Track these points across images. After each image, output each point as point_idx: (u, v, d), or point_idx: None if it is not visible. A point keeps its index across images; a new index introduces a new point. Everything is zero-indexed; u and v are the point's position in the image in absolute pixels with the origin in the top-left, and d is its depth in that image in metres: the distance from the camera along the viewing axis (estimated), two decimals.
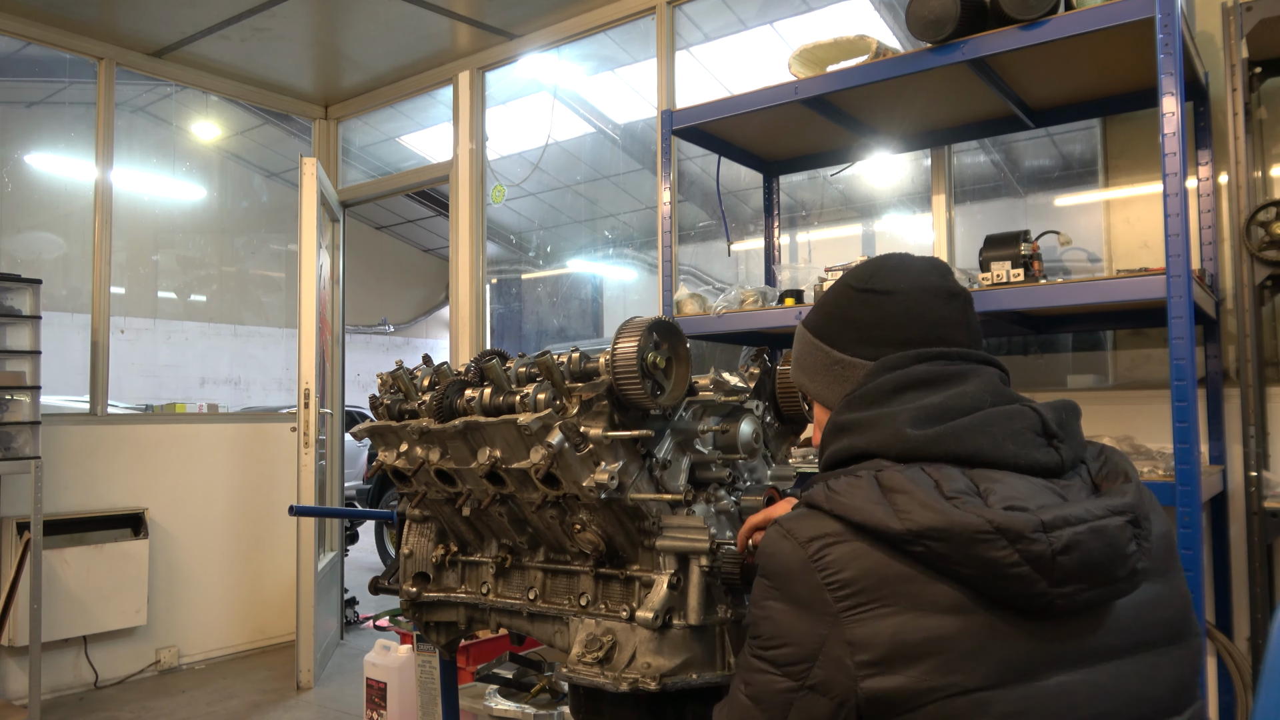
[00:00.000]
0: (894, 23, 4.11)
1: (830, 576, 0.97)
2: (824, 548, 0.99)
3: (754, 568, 1.12)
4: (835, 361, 1.19)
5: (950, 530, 0.93)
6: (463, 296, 5.04)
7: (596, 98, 5.86)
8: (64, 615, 4.29)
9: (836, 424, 1.13)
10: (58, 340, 4.85)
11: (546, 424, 1.43)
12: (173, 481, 4.89)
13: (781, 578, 1.01)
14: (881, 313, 1.16)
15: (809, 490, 1.06)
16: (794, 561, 1.00)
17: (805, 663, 0.98)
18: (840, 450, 1.11)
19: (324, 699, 4.38)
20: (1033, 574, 0.92)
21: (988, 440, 1.03)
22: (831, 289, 1.24)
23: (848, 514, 0.99)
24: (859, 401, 1.11)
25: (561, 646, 1.62)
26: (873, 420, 1.08)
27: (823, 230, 4.14)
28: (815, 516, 1.02)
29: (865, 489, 1.00)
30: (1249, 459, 2.60)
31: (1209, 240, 2.79)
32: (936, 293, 1.17)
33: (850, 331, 1.18)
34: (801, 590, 0.99)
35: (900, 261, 1.20)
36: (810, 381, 1.24)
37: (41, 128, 5.88)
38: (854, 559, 0.97)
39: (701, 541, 1.43)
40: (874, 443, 1.06)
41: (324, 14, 4.60)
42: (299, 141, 6.46)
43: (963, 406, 1.06)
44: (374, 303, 13.95)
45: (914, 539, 0.94)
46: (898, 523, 0.95)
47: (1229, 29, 2.62)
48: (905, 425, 1.05)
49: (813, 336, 1.23)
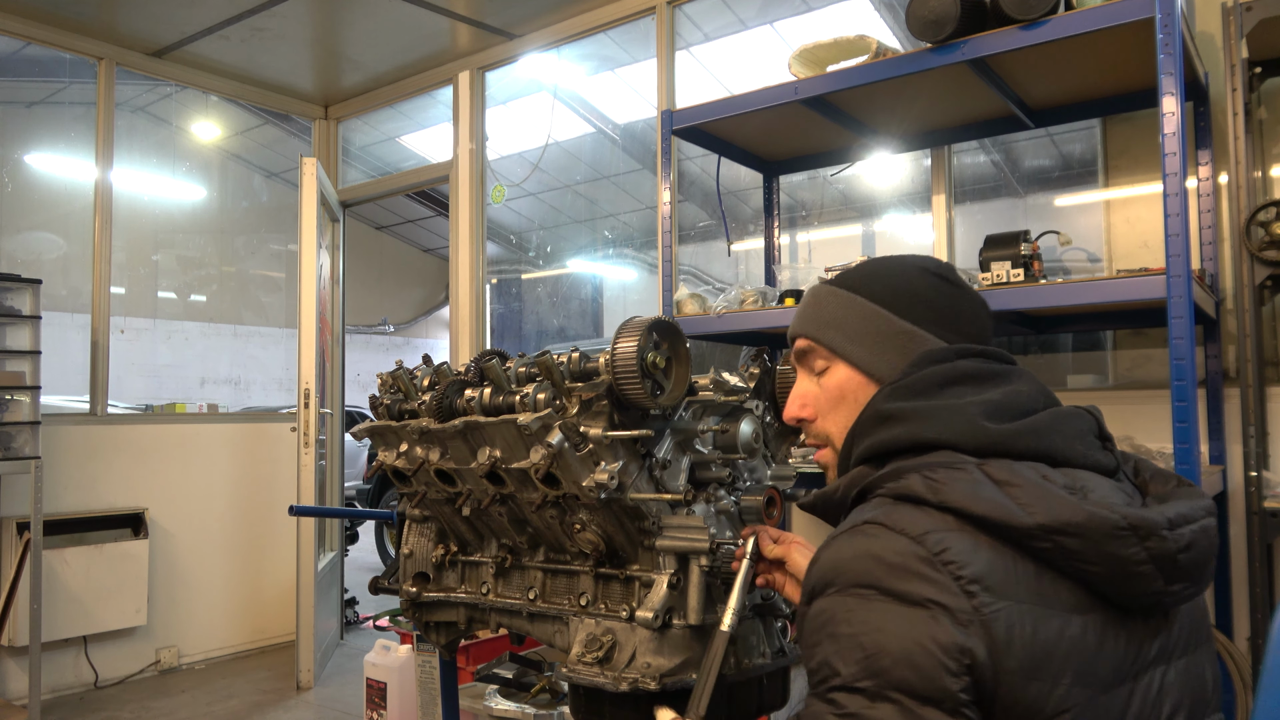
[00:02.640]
0: (894, 23, 4.11)
1: (960, 570, 0.86)
2: (942, 539, 0.88)
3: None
4: (900, 331, 1.12)
5: (1086, 526, 0.88)
6: (463, 296, 5.04)
7: (596, 98, 5.86)
8: (64, 615, 4.29)
9: (882, 412, 1.05)
10: (58, 340, 4.84)
11: (546, 424, 1.43)
12: (173, 481, 4.88)
13: (893, 580, 0.87)
14: (954, 301, 1.14)
15: (888, 484, 0.97)
16: (910, 557, 0.88)
17: (948, 675, 0.83)
18: (893, 439, 1.02)
19: (324, 699, 4.38)
20: (1154, 572, 0.89)
21: (1060, 439, 1.00)
22: (891, 267, 1.18)
23: (964, 506, 0.90)
24: (905, 392, 1.05)
25: (561, 646, 1.62)
26: (935, 410, 1.01)
27: (823, 230, 4.14)
28: (915, 510, 0.93)
29: (974, 481, 0.92)
30: (1249, 459, 2.60)
31: (1209, 240, 2.79)
32: (985, 302, 1.19)
33: (922, 308, 1.13)
34: (926, 589, 0.86)
35: (958, 269, 1.21)
36: (851, 345, 1.15)
37: (41, 128, 5.87)
38: (976, 552, 0.88)
39: (701, 541, 1.43)
40: (945, 434, 0.99)
41: (324, 14, 4.60)
42: (299, 141, 6.46)
43: (1025, 406, 1.03)
44: (374, 303, 13.95)
45: (1044, 534, 0.88)
46: (1026, 517, 0.89)
47: (1229, 29, 2.62)
48: (980, 418, 0.99)
49: (871, 302, 1.15)
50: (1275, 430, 2.73)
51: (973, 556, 0.87)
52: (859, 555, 0.91)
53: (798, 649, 1.63)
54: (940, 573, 0.86)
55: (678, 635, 1.43)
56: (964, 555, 0.87)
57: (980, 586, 0.85)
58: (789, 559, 1.42)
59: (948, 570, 0.86)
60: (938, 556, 0.87)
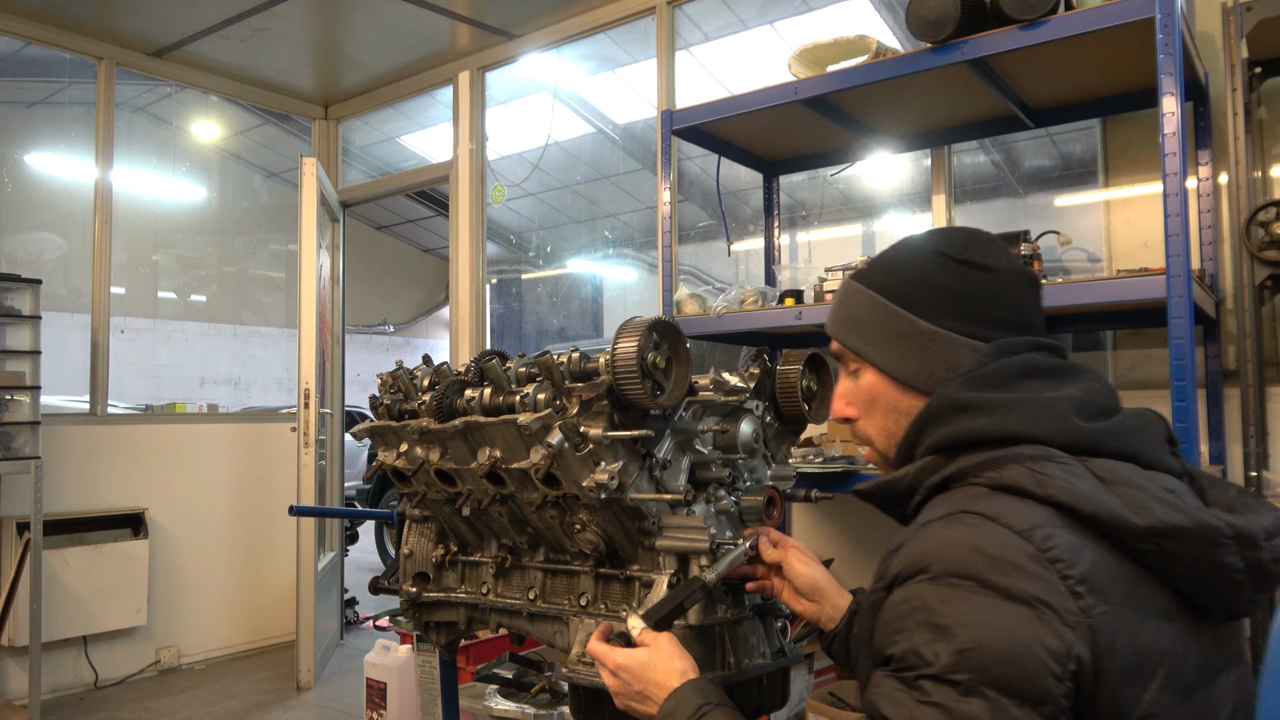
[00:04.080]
0: (894, 23, 4.11)
1: (1067, 569, 0.83)
2: (1049, 537, 0.85)
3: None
4: (919, 332, 1.07)
5: (1193, 531, 0.86)
6: (463, 296, 5.04)
7: (596, 98, 5.86)
8: (64, 615, 4.29)
9: (960, 402, 1.00)
10: (58, 340, 4.84)
11: (546, 424, 1.43)
12: (173, 481, 4.88)
13: (997, 574, 0.84)
14: (980, 289, 1.06)
15: (986, 473, 0.94)
16: (1017, 552, 0.84)
17: (1052, 679, 0.80)
18: (975, 430, 0.97)
19: (324, 699, 4.38)
20: (1247, 581, 0.89)
21: (1143, 442, 0.97)
22: (913, 253, 1.12)
23: (1074, 503, 0.87)
24: (983, 382, 1.00)
25: (561, 646, 1.62)
26: (1023, 403, 0.97)
27: (823, 230, 4.14)
28: (1018, 502, 0.89)
29: (1080, 476, 0.89)
30: (1249, 459, 2.60)
31: (1209, 240, 2.79)
32: (1028, 277, 1.11)
33: (943, 302, 1.07)
34: (1033, 586, 0.82)
35: (989, 238, 1.11)
36: (874, 348, 1.11)
37: (41, 128, 5.88)
38: (1083, 549, 0.85)
39: (701, 542, 1.43)
40: (1035, 428, 0.95)
41: (324, 14, 4.60)
42: (299, 141, 6.46)
43: (1105, 405, 1.00)
44: (374, 303, 13.95)
45: (1151, 537, 0.86)
46: (1135, 519, 0.86)
47: (1229, 29, 2.62)
48: (1071, 414, 0.95)
49: (889, 302, 1.10)
50: (1275, 430, 2.73)
51: (1079, 555, 0.85)
52: (958, 544, 0.87)
53: (798, 649, 1.63)
54: (1048, 570, 0.83)
55: (678, 635, 1.43)
56: (1071, 554, 0.84)
57: (1086, 587, 0.83)
58: (786, 564, 1.42)
59: (1055, 569, 0.83)
60: (1045, 553, 0.84)
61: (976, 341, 1.05)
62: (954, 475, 0.97)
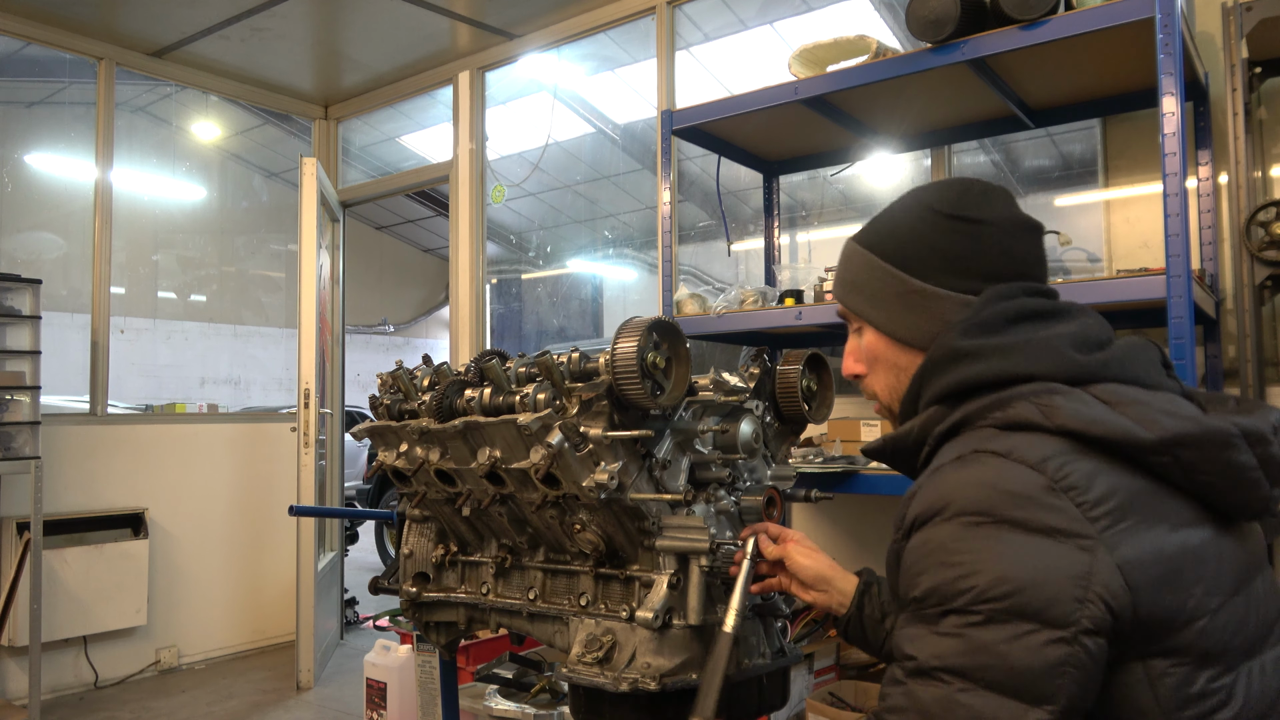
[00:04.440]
0: (894, 23, 4.11)
1: (1080, 496, 0.86)
2: (1062, 466, 0.88)
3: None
4: (913, 290, 1.09)
5: (1203, 436, 0.89)
6: (463, 296, 5.04)
7: (596, 98, 5.86)
8: (64, 615, 4.29)
9: (959, 350, 1.02)
10: (58, 340, 4.85)
11: (546, 424, 1.43)
12: (173, 481, 4.88)
13: (1014, 508, 0.86)
14: (974, 243, 1.08)
15: (994, 413, 0.96)
16: (1033, 486, 0.87)
17: (1073, 602, 0.83)
18: (975, 375, 1.00)
19: (324, 699, 4.38)
20: (1263, 478, 0.91)
21: (1141, 368, 1.01)
22: (901, 212, 1.14)
23: (1083, 428, 0.90)
24: (979, 329, 1.02)
25: (561, 646, 1.62)
26: (1019, 345, 0.99)
27: (823, 230, 4.14)
28: (1029, 436, 0.92)
29: (1087, 403, 0.92)
30: None
31: (1209, 240, 2.79)
32: (1024, 225, 1.10)
33: (935, 259, 1.09)
34: (1050, 517, 0.85)
35: (984, 188, 1.12)
36: (872, 308, 1.14)
37: (41, 128, 5.87)
38: (1097, 474, 0.88)
39: (701, 541, 1.43)
40: (1035, 366, 0.97)
41: (324, 14, 4.60)
42: (299, 141, 6.46)
43: (1100, 338, 1.03)
44: (374, 303, 13.95)
45: (1164, 448, 0.89)
46: (1145, 433, 0.89)
47: (1229, 29, 2.62)
48: (1069, 349, 0.98)
49: (884, 262, 1.12)
50: None
51: (1094, 480, 0.88)
52: (971, 483, 0.90)
53: (798, 649, 1.63)
54: (1062, 499, 0.86)
55: (678, 635, 1.43)
56: (1085, 479, 0.87)
57: (1103, 509, 0.86)
58: (788, 559, 1.42)
59: (1069, 496, 0.86)
60: (1059, 483, 0.87)
61: (973, 297, 1.07)
62: (961, 421, 1.00)
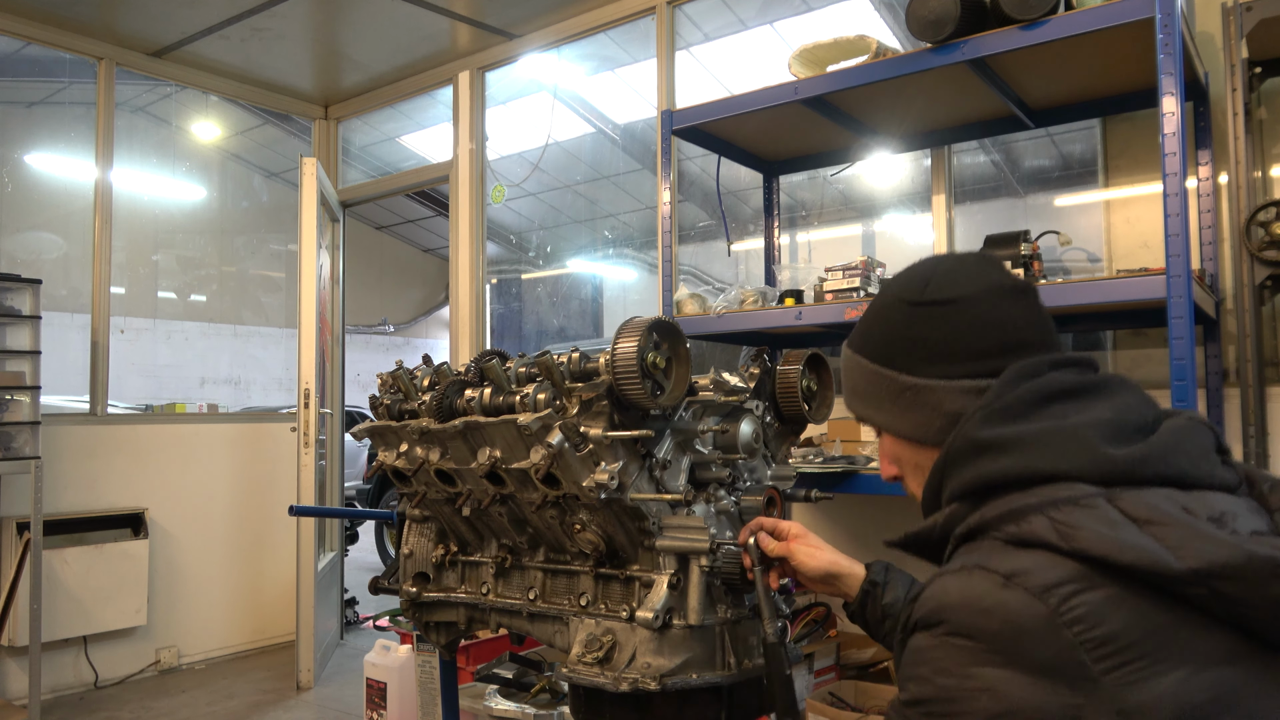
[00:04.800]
0: (894, 23, 4.11)
1: (1086, 633, 0.79)
2: (1070, 597, 0.80)
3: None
4: (905, 388, 1.05)
5: (1246, 568, 0.79)
6: (463, 296, 5.04)
7: (596, 98, 5.86)
8: (64, 615, 4.29)
9: (979, 442, 0.94)
10: (58, 340, 4.84)
11: (546, 424, 1.43)
12: (173, 481, 4.88)
13: (1006, 640, 0.81)
14: (949, 326, 1.02)
15: (1007, 527, 0.88)
16: (1029, 618, 0.81)
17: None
18: (998, 473, 0.92)
19: (324, 699, 4.38)
20: None
21: (1187, 460, 0.90)
22: (879, 307, 1.10)
23: (1106, 553, 0.81)
24: (1002, 416, 0.94)
25: (561, 646, 1.62)
26: (1046, 436, 0.91)
27: (823, 230, 4.14)
28: (1040, 557, 0.84)
29: (1111, 522, 0.83)
30: (1249, 459, 2.60)
31: (1209, 240, 2.79)
32: (1003, 291, 1.03)
33: (917, 351, 1.04)
34: (1044, 653, 0.80)
35: (953, 264, 1.06)
36: (876, 412, 1.10)
37: (41, 128, 5.88)
38: (1112, 608, 0.80)
39: (701, 541, 1.43)
40: (1062, 464, 0.89)
41: (324, 14, 4.60)
42: (299, 141, 6.46)
43: (1139, 422, 0.93)
44: (374, 303, 13.95)
45: (1198, 580, 0.79)
46: (1177, 562, 0.79)
47: (1229, 29, 2.62)
48: (1100, 442, 0.89)
49: (871, 363, 1.09)
50: (1275, 430, 2.73)
51: (1106, 614, 0.80)
52: (969, 604, 0.85)
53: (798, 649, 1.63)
54: (1063, 635, 0.80)
55: (678, 635, 1.43)
56: (1096, 612, 0.80)
57: (1112, 648, 0.79)
58: (793, 558, 1.42)
59: (1072, 631, 0.80)
60: (1062, 616, 0.80)
61: (967, 381, 1.01)
62: (978, 527, 0.92)
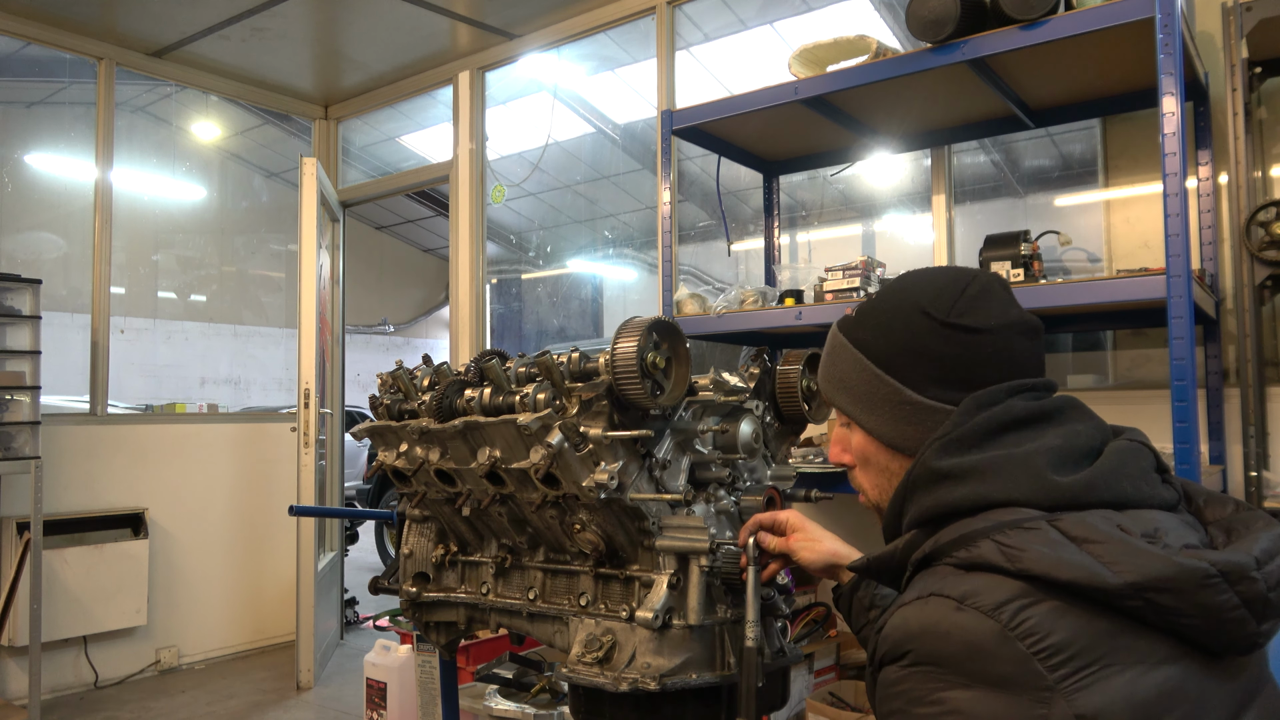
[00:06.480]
0: (894, 23, 4.11)
1: (1038, 643, 0.84)
2: (1019, 612, 0.86)
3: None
4: (907, 402, 1.06)
5: (1177, 579, 0.84)
6: (463, 296, 5.04)
7: (596, 98, 5.86)
8: (64, 615, 4.29)
9: (938, 471, 0.99)
10: (58, 340, 4.84)
11: (546, 424, 1.43)
12: (173, 481, 4.89)
13: (966, 660, 0.86)
14: (971, 354, 1.04)
15: (957, 552, 0.93)
16: (984, 635, 0.86)
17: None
18: (955, 502, 0.97)
19: (324, 699, 4.38)
20: (1247, 616, 0.86)
21: (1129, 483, 0.96)
22: (900, 311, 1.09)
23: (1047, 571, 0.86)
24: (959, 445, 0.99)
25: (561, 646, 1.63)
26: (997, 465, 0.96)
27: (823, 230, 4.14)
28: (989, 579, 0.89)
29: (1053, 542, 0.88)
30: (1249, 459, 2.60)
31: (1209, 240, 2.79)
32: (1023, 329, 1.06)
33: (931, 369, 1.05)
34: (1002, 668, 0.84)
35: (983, 287, 1.07)
36: (861, 411, 1.12)
37: (41, 128, 5.87)
38: (1057, 618, 0.85)
39: (701, 541, 1.43)
40: (1012, 492, 0.94)
41: (324, 14, 4.60)
42: (299, 141, 6.46)
43: (1087, 447, 0.99)
44: (374, 303, 13.95)
45: (1134, 593, 0.85)
46: (1114, 577, 0.85)
47: (1229, 29, 2.62)
48: (1047, 470, 0.94)
49: (876, 367, 1.09)
50: (1275, 430, 2.73)
51: (1055, 624, 0.85)
52: (927, 631, 0.89)
53: (798, 649, 1.63)
54: (1016, 647, 0.84)
55: (678, 635, 1.43)
56: (1044, 625, 0.85)
57: (1063, 656, 0.84)
58: (793, 554, 1.42)
59: (1025, 644, 0.84)
60: (1014, 630, 0.85)
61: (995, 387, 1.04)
62: (933, 554, 0.97)
